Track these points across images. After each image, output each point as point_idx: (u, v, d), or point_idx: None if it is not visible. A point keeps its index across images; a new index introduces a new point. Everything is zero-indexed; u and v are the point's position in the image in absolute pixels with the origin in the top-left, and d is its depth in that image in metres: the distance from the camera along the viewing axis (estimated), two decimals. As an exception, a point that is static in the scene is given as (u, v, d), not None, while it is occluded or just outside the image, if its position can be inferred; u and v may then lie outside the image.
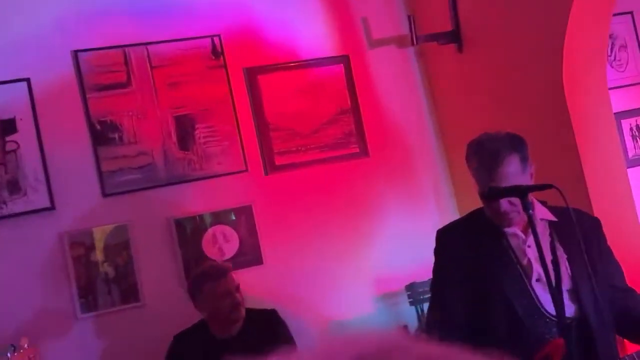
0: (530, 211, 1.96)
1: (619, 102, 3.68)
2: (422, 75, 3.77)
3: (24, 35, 3.24)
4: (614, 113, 3.24)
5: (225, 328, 2.90)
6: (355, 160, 3.56)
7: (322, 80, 3.57)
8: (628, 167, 3.41)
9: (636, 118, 3.89)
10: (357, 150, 3.57)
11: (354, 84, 3.61)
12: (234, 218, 3.34)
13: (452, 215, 3.47)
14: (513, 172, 2.06)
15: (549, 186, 1.96)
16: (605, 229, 2.92)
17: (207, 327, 2.92)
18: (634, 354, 2.06)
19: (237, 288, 2.89)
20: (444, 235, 2.23)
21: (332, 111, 3.56)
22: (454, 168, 3.65)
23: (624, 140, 3.79)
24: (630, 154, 3.84)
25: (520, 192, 1.99)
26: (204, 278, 2.87)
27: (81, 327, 3.12)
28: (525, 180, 2.08)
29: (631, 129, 3.85)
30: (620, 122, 3.76)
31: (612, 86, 3.55)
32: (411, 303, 3.43)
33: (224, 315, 2.86)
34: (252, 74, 3.49)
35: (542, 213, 2.14)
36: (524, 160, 2.09)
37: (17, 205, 3.16)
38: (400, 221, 3.56)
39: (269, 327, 2.95)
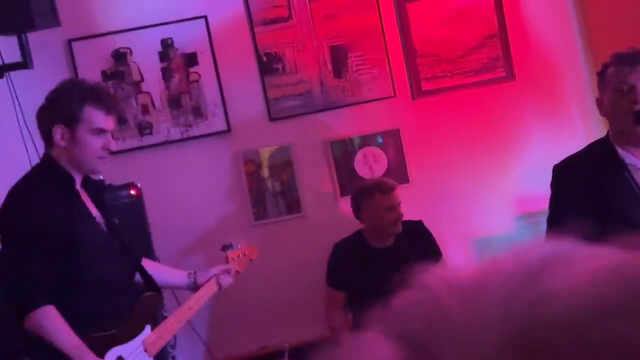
0: None
1: None
2: (574, -5, 3.72)
3: (201, -23, 3.68)
4: None
5: (383, 239, 3.23)
6: (501, 84, 3.68)
7: (470, 5, 3.67)
8: None
9: None
10: (504, 74, 3.67)
11: (502, 7, 3.66)
12: (382, 140, 3.66)
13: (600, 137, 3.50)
14: None
15: None
16: None
17: (363, 237, 3.27)
18: None
19: (399, 204, 3.21)
20: (560, 169, 2.28)
21: (479, 36, 3.66)
22: (604, 90, 3.63)
23: None
24: None
25: None
26: (375, 189, 3.19)
27: (254, 232, 3.68)
28: None
29: None
30: None
31: None
32: (554, 221, 3.58)
33: (386, 226, 3.19)
34: (401, 2, 3.67)
35: None
36: None
37: (200, 128, 3.72)
38: (546, 143, 3.65)
39: (419, 237, 3.28)
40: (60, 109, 2.29)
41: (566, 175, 2.27)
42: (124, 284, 2.43)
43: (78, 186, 2.36)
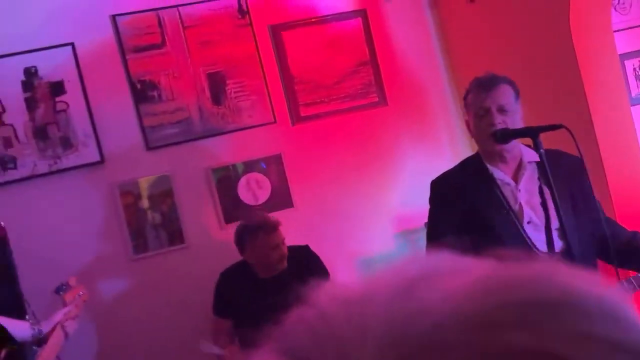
0: (541, 150, 2.08)
1: (623, 43, 3.89)
2: (436, 25, 4.00)
3: (66, 2, 3.51)
4: (619, 54, 3.44)
5: (269, 272, 3.18)
6: (375, 109, 3.84)
7: (341, 34, 3.81)
8: (631, 105, 3.62)
9: (639, 58, 4.10)
10: (377, 99, 3.85)
11: (372, 36, 3.85)
12: (265, 166, 3.66)
13: (465, 156, 3.75)
14: (507, 100, 2.23)
15: (560, 126, 2.06)
16: (610, 166, 3.19)
17: (249, 267, 3.21)
18: (631, 278, 2.31)
19: (284, 241, 3.18)
20: (437, 185, 2.40)
21: (352, 63, 3.82)
22: (466, 113, 3.91)
23: (628, 80, 4.01)
24: (634, 93, 4.07)
25: (532, 132, 2.11)
26: (258, 230, 3.10)
27: (134, 267, 3.51)
28: (516, 117, 2.25)
29: (634, 69, 4.06)
30: (624, 62, 3.97)
31: (617, 29, 3.74)
32: (429, 238, 3.77)
33: (271, 264, 3.14)
34: (276, 31, 3.74)
35: (529, 155, 2.29)
36: (516, 97, 2.28)
37: (69, 160, 3.50)
38: (418, 163, 3.85)
39: (305, 262, 3.27)
40: None
41: (443, 190, 2.39)
42: None
43: None
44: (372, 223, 3.77)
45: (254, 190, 3.63)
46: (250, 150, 3.66)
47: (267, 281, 3.19)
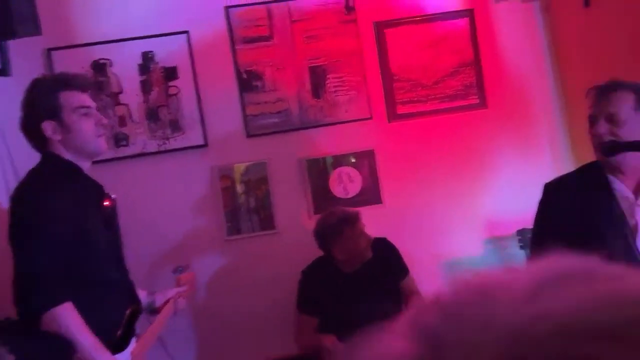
0: None
1: None
2: (547, 30, 3.86)
3: (184, -7, 3.73)
4: None
5: (354, 264, 3.24)
6: (474, 111, 3.79)
7: (446, 34, 3.78)
8: None
9: None
10: (477, 101, 3.79)
11: (477, 37, 3.79)
12: (356, 161, 3.73)
13: (566, 166, 3.62)
14: (620, 109, 2.08)
15: None
16: None
17: (332, 262, 3.28)
18: None
19: (365, 228, 3.24)
20: (551, 189, 2.27)
21: (454, 63, 3.78)
22: (572, 122, 3.76)
23: None
24: None
25: None
26: (342, 224, 3.19)
27: (228, 247, 3.70)
28: (635, 127, 2.09)
29: None
30: None
31: None
32: (521, 247, 3.67)
33: (359, 253, 3.21)
34: (380, 28, 3.77)
35: None
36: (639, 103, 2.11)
37: (177, 141, 3.73)
38: (515, 170, 3.77)
39: (385, 253, 3.32)
40: (40, 105, 2.32)
41: (556, 193, 2.27)
42: (119, 284, 2.39)
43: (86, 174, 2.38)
44: (461, 226, 3.74)
45: (345, 183, 3.71)
46: (345, 144, 3.73)
47: (350, 276, 3.26)
